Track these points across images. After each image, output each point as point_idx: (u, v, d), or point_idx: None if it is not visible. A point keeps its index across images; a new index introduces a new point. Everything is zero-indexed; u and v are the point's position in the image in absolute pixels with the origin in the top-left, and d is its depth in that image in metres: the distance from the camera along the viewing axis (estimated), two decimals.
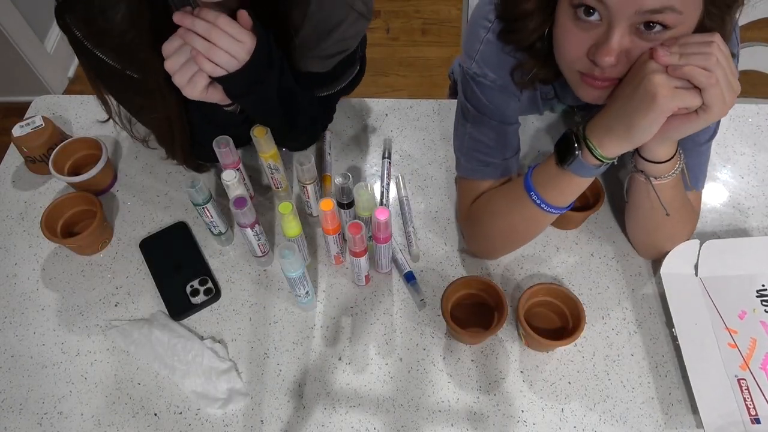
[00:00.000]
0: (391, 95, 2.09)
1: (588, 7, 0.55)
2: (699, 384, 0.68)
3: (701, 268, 0.77)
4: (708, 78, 0.53)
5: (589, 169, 0.63)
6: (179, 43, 0.64)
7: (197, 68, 0.65)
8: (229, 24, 0.62)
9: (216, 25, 0.62)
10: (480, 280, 0.74)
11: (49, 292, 0.83)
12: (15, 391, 0.75)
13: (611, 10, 0.53)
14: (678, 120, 0.57)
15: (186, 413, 0.73)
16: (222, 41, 0.62)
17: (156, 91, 0.71)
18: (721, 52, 0.54)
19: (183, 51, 0.64)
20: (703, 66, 0.53)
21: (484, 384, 0.73)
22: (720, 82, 0.53)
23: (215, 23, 0.62)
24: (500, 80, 0.70)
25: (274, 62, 0.68)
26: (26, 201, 0.93)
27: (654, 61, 0.54)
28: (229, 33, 0.62)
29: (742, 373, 0.70)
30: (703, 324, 0.73)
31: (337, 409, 0.72)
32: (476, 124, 0.74)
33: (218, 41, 0.62)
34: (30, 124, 0.91)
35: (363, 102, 1.02)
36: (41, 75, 2.04)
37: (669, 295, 0.75)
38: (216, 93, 0.68)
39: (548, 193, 0.67)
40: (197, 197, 0.75)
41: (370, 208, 0.72)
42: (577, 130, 0.63)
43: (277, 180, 0.85)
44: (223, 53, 0.63)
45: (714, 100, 0.54)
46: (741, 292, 0.76)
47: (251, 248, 0.79)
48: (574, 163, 0.63)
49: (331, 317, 0.79)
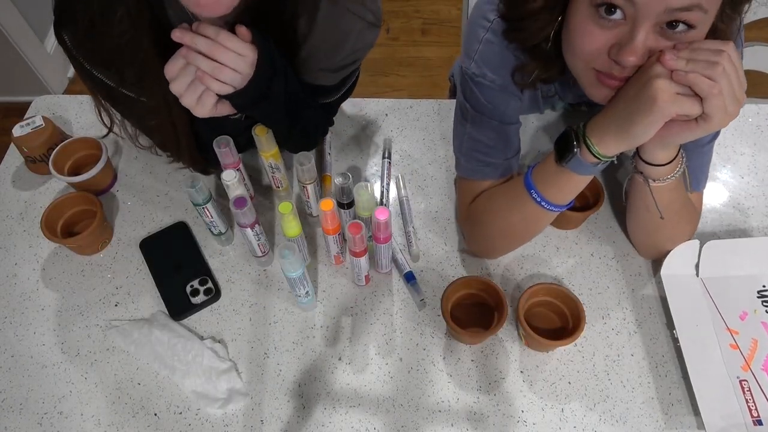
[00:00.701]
0: (391, 95, 2.09)
1: (610, 6, 0.53)
2: (700, 385, 0.68)
3: (702, 268, 0.77)
4: (710, 87, 0.52)
5: (587, 167, 0.63)
6: (182, 63, 0.62)
7: (204, 88, 0.63)
8: (230, 39, 0.61)
9: (217, 41, 0.60)
10: (480, 280, 0.74)
11: (49, 292, 0.83)
12: (15, 391, 0.75)
13: (638, 8, 0.52)
14: (677, 126, 0.57)
15: (186, 413, 0.73)
16: (225, 58, 0.61)
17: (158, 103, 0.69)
18: (730, 62, 0.53)
19: (187, 71, 0.62)
20: (707, 75, 0.52)
21: (484, 384, 0.73)
22: (723, 93, 0.53)
23: (216, 40, 0.60)
24: (499, 80, 0.70)
25: (278, 70, 0.67)
26: (26, 201, 0.93)
27: (660, 65, 0.54)
28: (230, 48, 0.61)
29: (743, 375, 0.70)
30: (704, 325, 0.73)
31: (337, 409, 0.72)
32: (475, 125, 0.74)
33: (222, 58, 0.61)
34: (30, 124, 0.91)
35: (363, 102, 1.02)
36: (41, 75, 2.04)
37: (670, 296, 0.75)
38: (224, 107, 0.67)
39: (548, 191, 0.67)
40: (197, 197, 0.75)
41: (370, 208, 0.72)
42: (576, 127, 0.63)
43: (277, 179, 0.85)
44: (228, 70, 0.61)
45: (714, 110, 0.54)
46: (742, 292, 0.76)
47: (251, 248, 0.79)
48: (572, 160, 0.63)
49: (331, 317, 0.79)
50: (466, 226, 0.81)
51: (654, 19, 0.52)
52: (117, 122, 0.76)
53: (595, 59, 0.58)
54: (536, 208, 0.69)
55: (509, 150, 0.75)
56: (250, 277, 0.83)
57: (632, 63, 0.55)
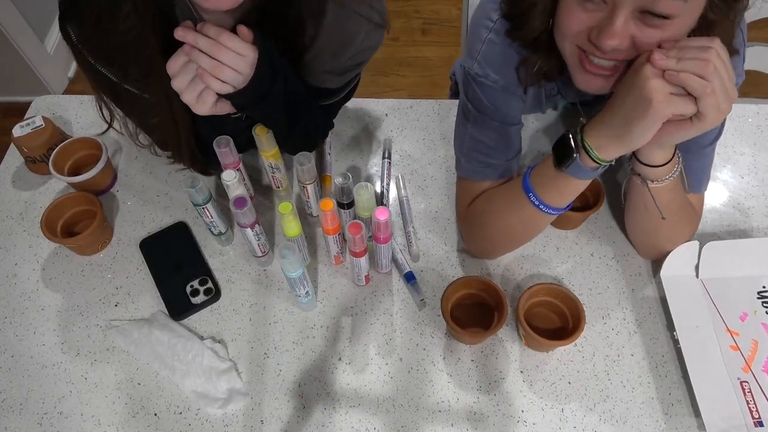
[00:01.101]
0: (391, 95, 2.09)
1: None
2: (701, 387, 0.68)
3: (702, 269, 0.77)
4: (703, 87, 0.53)
5: (586, 172, 0.63)
6: (184, 60, 0.63)
7: (204, 86, 0.64)
8: (231, 39, 0.61)
9: (218, 41, 0.61)
10: (480, 280, 0.74)
11: (49, 292, 0.83)
12: (15, 391, 0.75)
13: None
14: (673, 126, 0.57)
15: (186, 413, 0.73)
16: (226, 57, 0.61)
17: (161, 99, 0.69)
18: (719, 59, 0.53)
19: (189, 69, 0.63)
20: (699, 74, 0.53)
21: (484, 384, 0.73)
22: (716, 91, 0.53)
23: (218, 39, 0.61)
24: (502, 80, 0.70)
25: (278, 70, 0.67)
26: (26, 201, 0.93)
27: (650, 66, 0.54)
28: (231, 48, 0.61)
29: (744, 376, 0.70)
30: (704, 326, 0.73)
31: (337, 409, 0.72)
32: (477, 125, 0.74)
33: (222, 57, 0.61)
34: (30, 124, 0.91)
35: (363, 102, 1.01)
36: (41, 75, 2.04)
37: (670, 297, 0.75)
38: (224, 106, 0.68)
39: (546, 194, 0.67)
40: (197, 197, 0.75)
41: (370, 208, 0.72)
42: (575, 132, 0.63)
43: (277, 179, 0.85)
44: (228, 69, 0.62)
45: (708, 109, 0.54)
46: (742, 293, 0.76)
47: (251, 248, 0.79)
48: (572, 165, 0.63)
49: (331, 317, 0.79)
50: (465, 227, 0.81)
51: (632, 5, 0.53)
52: (118, 118, 0.76)
53: (576, 36, 0.59)
54: (534, 211, 0.69)
55: (510, 151, 0.75)
56: (250, 277, 0.83)
57: (611, 47, 0.55)
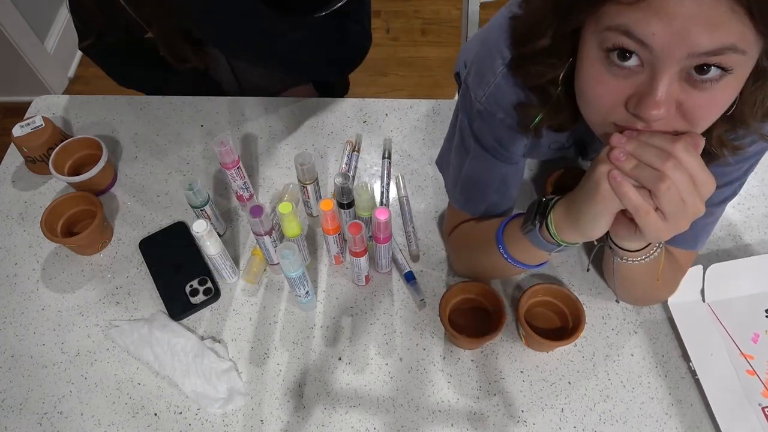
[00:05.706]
0: (391, 95, 2.09)
1: (623, 51, 0.43)
2: (724, 417, 0.67)
3: (708, 293, 0.76)
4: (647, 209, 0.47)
5: (545, 245, 0.59)
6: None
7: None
8: None
9: None
10: (478, 286, 0.74)
11: (49, 292, 0.83)
12: (15, 391, 0.75)
13: (656, 53, 0.42)
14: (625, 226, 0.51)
15: (186, 413, 0.73)
16: None
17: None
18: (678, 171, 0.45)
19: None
20: (652, 189, 0.46)
21: (484, 384, 0.73)
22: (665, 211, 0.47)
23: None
24: (509, 119, 0.61)
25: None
26: (26, 201, 0.93)
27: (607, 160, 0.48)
28: None
29: (764, 401, 0.68)
30: (718, 353, 0.72)
31: (337, 409, 0.72)
32: (478, 161, 0.67)
33: None
34: (30, 124, 0.91)
35: (363, 102, 1.02)
36: (41, 75, 2.04)
37: (680, 325, 0.74)
38: None
39: (515, 251, 0.64)
40: (195, 199, 0.75)
41: (370, 208, 0.72)
42: (548, 200, 0.58)
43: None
44: None
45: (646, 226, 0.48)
46: (750, 313, 0.75)
47: (268, 256, 0.77)
48: (530, 233, 0.59)
49: (331, 317, 0.79)
50: (449, 249, 0.81)
51: (677, 66, 0.42)
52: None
53: (611, 112, 0.48)
54: (504, 261, 0.66)
55: (505, 199, 0.71)
56: None
57: (656, 117, 0.44)
